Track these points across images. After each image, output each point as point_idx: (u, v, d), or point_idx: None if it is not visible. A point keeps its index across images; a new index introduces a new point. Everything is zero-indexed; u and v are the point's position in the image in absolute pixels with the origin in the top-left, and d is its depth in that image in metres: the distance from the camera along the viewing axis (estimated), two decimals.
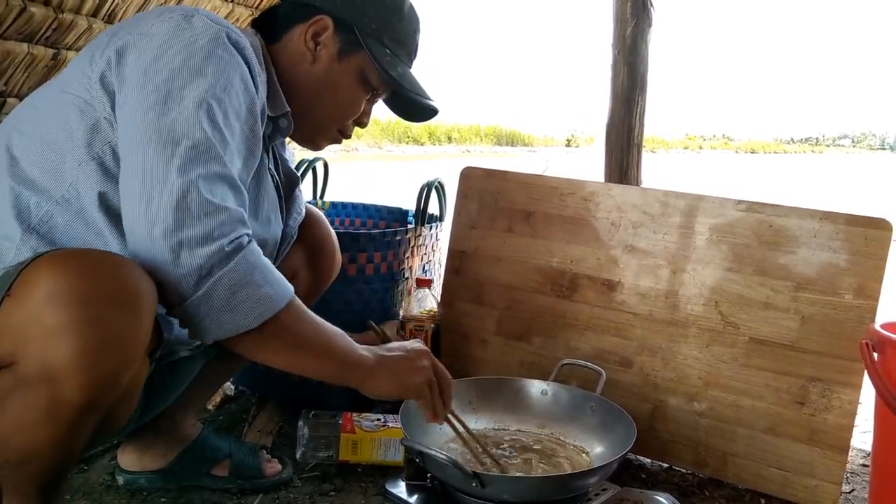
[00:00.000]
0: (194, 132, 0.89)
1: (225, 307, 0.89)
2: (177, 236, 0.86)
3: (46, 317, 0.79)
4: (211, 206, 0.88)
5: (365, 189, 7.79)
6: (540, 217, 1.66)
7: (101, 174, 0.95)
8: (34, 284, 0.81)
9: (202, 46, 0.92)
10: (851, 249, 1.35)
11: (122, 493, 1.29)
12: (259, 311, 0.91)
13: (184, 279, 0.87)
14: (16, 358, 0.82)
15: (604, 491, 1.22)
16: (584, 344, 1.58)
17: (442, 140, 34.31)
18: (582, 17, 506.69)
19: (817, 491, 1.35)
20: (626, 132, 1.98)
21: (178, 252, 0.86)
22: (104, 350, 0.81)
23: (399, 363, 1.08)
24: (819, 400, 1.35)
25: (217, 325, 0.90)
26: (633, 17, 1.91)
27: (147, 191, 0.87)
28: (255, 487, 1.31)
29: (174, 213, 0.86)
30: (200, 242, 0.87)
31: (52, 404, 0.81)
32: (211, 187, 0.89)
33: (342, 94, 1.15)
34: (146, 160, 0.87)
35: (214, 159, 0.90)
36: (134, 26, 0.96)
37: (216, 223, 0.88)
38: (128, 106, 0.91)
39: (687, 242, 1.49)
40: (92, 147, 0.95)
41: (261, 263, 0.93)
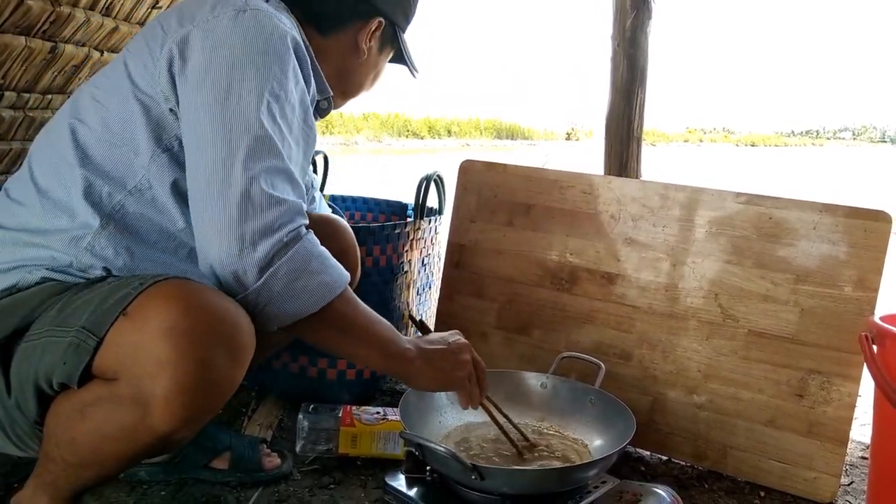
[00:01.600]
0: (255, 128, 0.92)
1: (285, 295, 0.93)
2: (240, 229, 0.90)
3: (159, 348, 0.83)
4: (272, 199, 0.92)
5: (364, 182, 7.78)
6: (539, 210, 1.65)
7: (173, 164, 1.00)
8: (154, 312, 0.84)
9: (258, 43, 0.95)
10: (851, 242, 1.35)
11: (121, 485, 1.29)
12: (317, 298, 0.95)
13: (247, 270, 0.90)
14: (118, 375, 0.86)
15: (603, 483, 1.22)
16: (584, 337, 1.58)
17: (441, 134, 34.27)
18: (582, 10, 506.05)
19: (816, 483, 1.35)
20: (625, 125, 1.97)
21: (242, 245, 0.90)
22: (203, 392, 0.85)
23: (442, 357, 1.11)
24: (818, 392, 1.35)
25: (278, 312, 0.94)
26: (633, 9, 1.91)
27: (213, 189, 0.91)
28: (255, 480, 1.32)
29: (238, 208, 0.90)
30: (262, 235, 0.90)
31: (136, 428, 0.85)
32: (272, 181, 0.93)
33: (375, 74, 1.27)
34: (212, 157, 0.92)
35: (274, 154, 0.94)
36: (190, 17, 0.99)
37: (276, 215, 0.92)
38: (190, 103, 0.95)
39: (686, 235, 1.49)
40: (161, 141, 1.00)
41: (317, 252, 0.97)
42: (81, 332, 0.87)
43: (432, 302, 1.93)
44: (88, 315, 0.88)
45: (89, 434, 0.88)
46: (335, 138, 26.17)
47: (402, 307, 1.78)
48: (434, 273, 1.93)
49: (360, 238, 1.62)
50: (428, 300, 1.93)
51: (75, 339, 0.87)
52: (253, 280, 0.91)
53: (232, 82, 0.93)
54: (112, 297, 0.88)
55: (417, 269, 1.82)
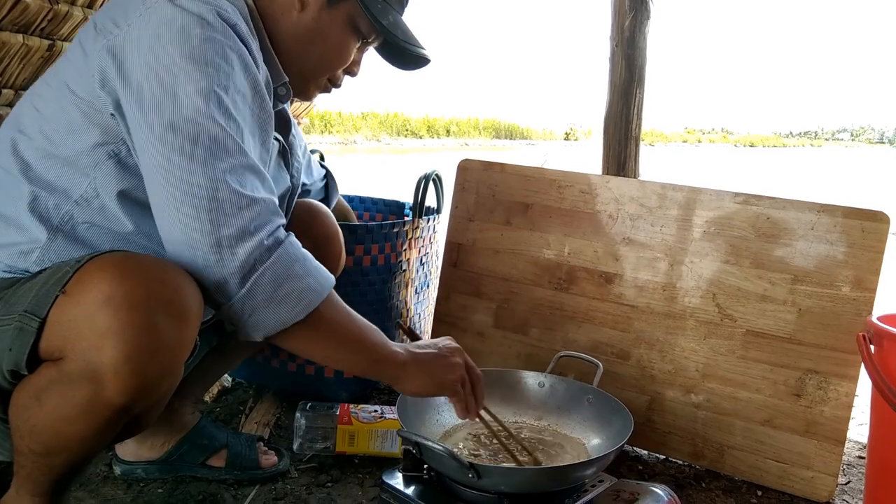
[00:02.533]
0: (209, 126, 0.87)
1: (270, 302, 0.89)
2: (214, 236, 0.86)
3: (100, 319, 0.81)
4: (243, 199, 0.87)
5: (363, 182, 7.78)
6: (538, 210, 1.65)
7: (120, 170, 0.95)
8: (91, 285, 0.83)
9: (196, 34, 0.89)
10: (849, 242, 1.35)
11: (119, 484, 1.29)
12: (304, 304, 0.91)
13: (228, 278, 0.87)
14: (64, 354, 0.84)
15: (600, 482, 1.22)
16: (582, 336, 1.58)
17: (440, 133, 34.27)
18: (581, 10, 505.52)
19: (814, 482, 1.35)
20: (624, 125, 1.97)
21: (220, 252, 0.86)
22: (151, 357, 0.83)
23: (433, 361, 1.07)
24: (816, 392, 1.36)
25: (263, 320, 0.90)
26: (632, 9, 1.90)
27: (175, 195, 0.86)
28: (252, 478, 1.32)
29: (208, 214, 0.85)
30: (239, 239, 0.86)
31: (92, 403, 0.84)
32: (239, 180, 0.88)
33: (331, 43, 1.10)
34: (167, 163, 0.86)
35: (235, 151, 0.89)
36: (122, 14, 0.92)
37: (251, 216, 0.87)
38: (135, 108, 0.89)
39: (684, 235, 1.49)
40: (105, 146, 0.94)
41: (300, 255, 0.93)
42: (24, 315, 0.85)
43: (430, 301, 1.93)
44: (30, 299, 0.87)
45: (48, 419, 0.86)
46: (334, 137, 26.17)
47: (401, 306, 1.77)
48: (432, 272, 1.93)
49: (359, 237, 1.62)
50: (426, 299, 1.93)
51: (18, 324, 0.86)
52: (236, 288, 0.88)
53: (176, 81, 0.87)
54: (52, 278, 0.87)
55: (416, 268, 1.82)
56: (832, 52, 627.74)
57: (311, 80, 1.15)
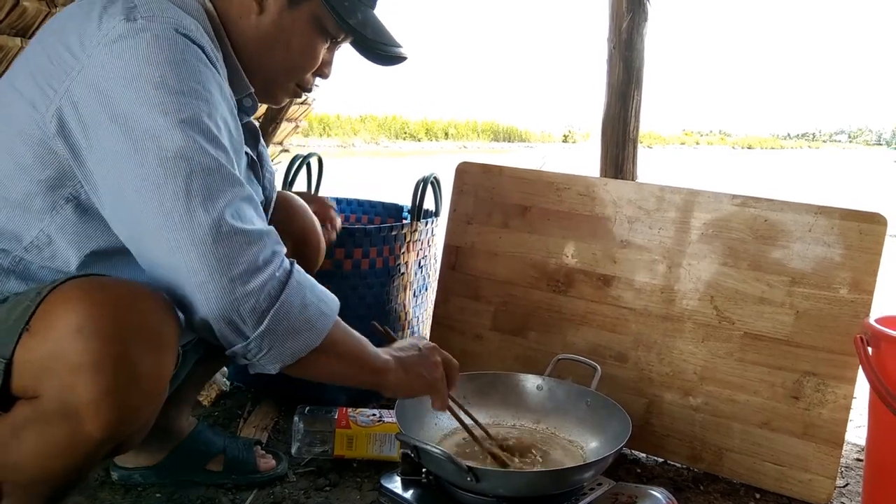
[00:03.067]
0: (201, 158, 0.82)
1: (287, 334, 0.87)
2: (226, 276, 0.82)
3: (70, 354, 0.77)
4: (248, 235, 0.84)
5: (361, 185, 7.78)
6: (536, 212, 1.65)
7: (80, 215, 0.90)
8: (57, 318, 0.79)
9: (166, 59, 0.83)
10: (846, 244, 1.35)
11: (116, 489, 1.29)
12: (318, 330, 0.90)
13: (246, 317, 0.84)
14: (38, 392, 0.81)
15: (599, 486, 1.22)
16: (580, 339, 1.58)
17: (439, 136, 34.29)
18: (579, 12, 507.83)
19: (812, 485, 1.35)
20: (621, 127, 1.97)
21: (233, 292, 0.82)
22: (130, 387, 0.80)
23: (417, 363, 1.09)
24: (814, 394, 1.36)
25: (282, 353, 0.88)
26: (629, 11, 1.91)
27: (178, 241, 0.81)
28: (250, 482, 1.31)
29: (215, 255, 0.81)
30: (251, 276, 0.83)
31: (72, 439, 0.81)
32: (239, 213, 0.85)
33: (296, 46, 1.04)
34: (164, 210, 0.81)
35: (231, 181, 0.85)
36: (77, 41, 0.85)
37: (257, 251, 0.84)
38: (109, 151, 0.83)
39: (682, 237, 1.49)
40: (62, 189, 0.88)
41: (309, 282, 0.92)
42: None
43: (429, 304, 1.93)
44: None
45: (30, 456, 0.83)
46: (332, 140, 26.16)
47: (399, 309, 1.77)
48: (430, 275, 1.93)
49: (357, 240, 1.63)
50: (424, 302, 1.93)
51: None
52: (254, 325, 0.85)
53: (153, 123, 0.81)
54: (12, 314, 0.83)
55: (414, 270, 1.82)
56: (830, 53, 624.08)
57: (278, 86, 1.10)
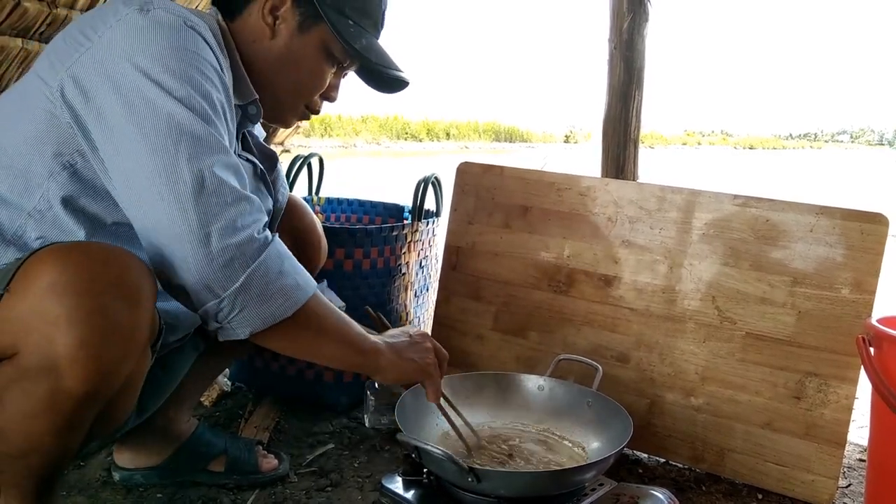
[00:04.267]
0: (192, 125, 0.86)
1: (261, 298, 0.89)
2: (204, 231, 0.85)
3: (47, 308, 0.79)
4: (231, 193, 0.87)
5: (362, 185, 7.78)
6: (537, 212, 1.65)
7: (74, 181, 0.93)
8: (34, 277, 0.81)
9: (170, 44, 0.88)
10: (848, 244, 1.35)
11: (118, 489, 1.29)
12: (293, 300, 0.92)
13: (218, 273, 0.86)
14: (17, 349, 0.82)
15: (600, 486, 1.22)
16: (581, 339, 1.58)
17: (440, 136, 34.31)
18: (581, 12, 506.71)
19: (814, 486, 1.35)
20: (622, 127, 1.97)
21: (208, 247, 0.85)
22: (106, 340, 0.81)
23: (409, 348, 1.13)
24: (816, 395, 1.35)
25: (253, 316, 0.90)
26: (630, 11, 1.91)
27: (159, 191, 0.85)
28: (252, 483, 1.31)
29: (195, 208, 0.84)
30: (230, 233, 0.86)
31: (53, 394, 0.82)
32: (225, 175, 0.88)
33: (305, 69, 1.10)
34: (150, 161, 0.85)
35: (220, 148, 0.88)
36: (91, 27, 0.91)
37: (240, 212, 0.87)
38: (108, 116, 0.87)
39: (684, 237, 1.49)
40: (61, 156, 0.92)
41: (287, 253, 0.94)
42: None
43: (430, 304, 1.93)
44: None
45: (14, 419, 0.84)
46: (333, 141, 26.18)
47: (400, 309, 1.77)
48: (431, 275, 1.93)
49: (358, 240, 1.63)
50: (425, 302, 1.93)
51: None
52: (227, 283, 0.87)
53: (153, 86, 0.86)
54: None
55: (415, 271, 1.82)
56: (832, 53, 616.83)
57: (287, 107, 1.15)
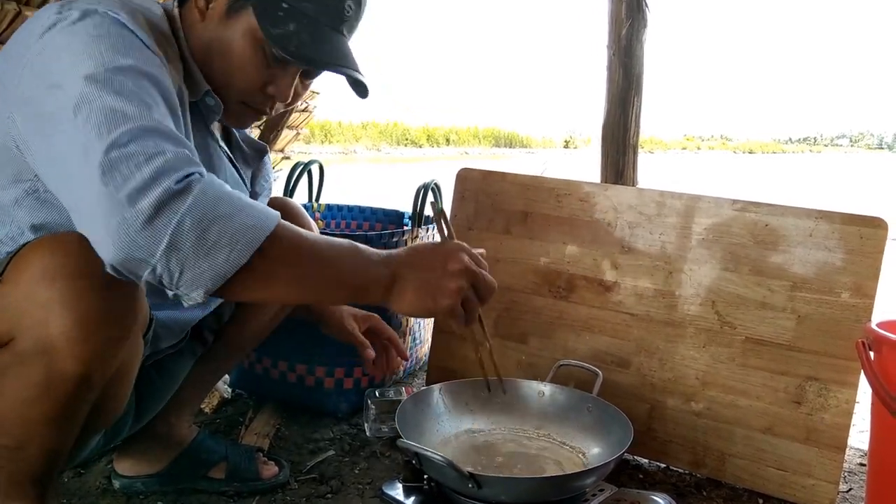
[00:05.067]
0: (98, 102, 0.78)
1: (199, 251, 0.76)
2: (114, 199, 0.74)
3: (40, 292, 0.81)
4: (142, 154, 0.76)
5: (362, 191, 7.79)
6: (536, 218, 1.66)
7: (41, 207, 0.92)
8: (26, 265, 0.83)
9: (85, 24, 0.84)
10: (847, 248, 1.35)
11: (118, 497, 1.29)
12: (241, 246, 0.77)
13: (139, 236, 0.74)
14: (12, 335, 0.83)
15: (601, 491, 1.22)
16: (581, 345, 1.58)
17: (440, 142, 34.35)
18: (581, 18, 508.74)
19: (815, 490, 1.35)
20: (621, 133, 1.98)
21: (121, 212, 0.74)
22: (99, 321, 0.82)
23: (428, 277, 0.89)
24: (816, 399, 1.35)
25: (199, 275, 0.77)
26: (628, 17, 1.92)
27: (69, 170, 0.79)
28: (252, 490, 1.31)
29: (102, 179, 0.75)
30: (141, 192, 0.74)
31: (49, 377, 0.83)
32: (140, 140, 0.77)
33: (233, 59, 1.00)
34: (61, 144, 0.79)
35: (132, 117, 0.78)
36: (26, 34, 0.88)
37: (153, 168, 0.75)
38: (23, 111, 0.85)
39: (683, 242, 1.49)
40: (22, 183, 0.91)
41: (225, 193, 0.79)
42: None
43: None
44: None
45: (10, 406, 0.85)
46: (334, 147, 26.22)
47: (400, 316, 1.77)
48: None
49: None
50: None
51: None
52: (152, 245, 0.74)
53: (62, 73, 0.81)
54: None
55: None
56: (831, 58, 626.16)
57: (227, 103, 1.06)
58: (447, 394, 1.42)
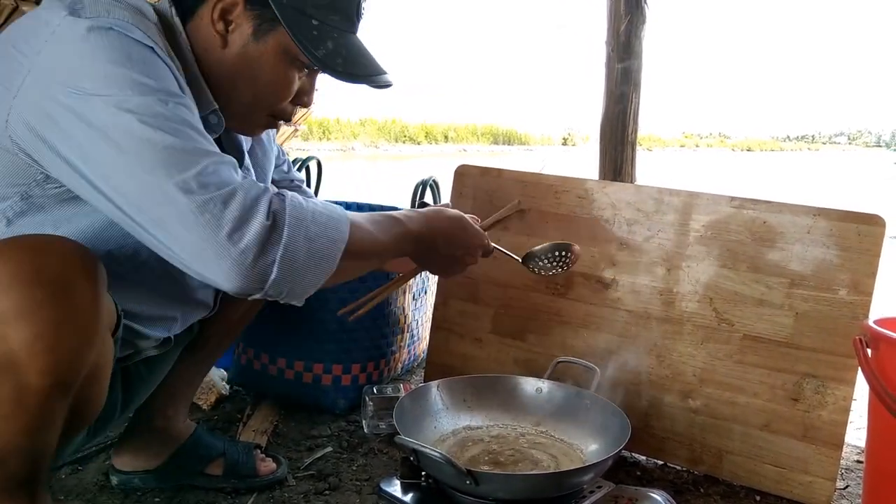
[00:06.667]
0: (160, 139, 0.81)
1: (300, 274, 0.87)
2: (216, 240, 0.81)
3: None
4: (218, 192, 0.81)
5: (361, 188, 7.78)
6: (535, 215, 1.65)
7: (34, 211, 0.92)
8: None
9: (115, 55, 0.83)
10: (845, 245, 1.35)
11: (115, 493, 1.29)
12: (330, 258, 0.89)
13: (249, 277, 0.83)
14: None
15: (598, 488, 1.22)
16: (579, 341, 1.58)
17: (438, 139, 34.32)
18: (579, 14, 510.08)
19: (812, 487, 1.35)
20: (620, 130, 1.97)
21: (230, 254, 0.81)
22: (60, 329, 0.80)
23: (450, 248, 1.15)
24: (813, 396, 1.35)
25: (302, 290, 0.88)
26: (627, 13, 1.91)
27: (158, 216, 0.82)
28: (250, 486, 1.31)
29: (197, 220, 0.80)
30: (239, 233, 0.81)
31: (19, 392, 0.80)
32: (207, 174, 0.82)
33: (265, 79, 1.02)
34: (139, 192, 0.82)
35: (195, 151, 0.83)
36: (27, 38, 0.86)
37: (238, 206, 0.82)
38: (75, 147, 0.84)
39: (681, 239, 1.49)
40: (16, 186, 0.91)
41: (307, 213, 0.88)
42: None
43: (428, 307, 1.93)
44: None
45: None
46: (332, 144, 26.19)
47: (398, 312, 1.77)
48: (430, 278, 1.93)
49: None
50: (423, 305, 1.93)
51: None
52: (262, 283, 0.84)
53: (109, 112, 0.81)
54: None
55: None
56: (829, 56, 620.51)
57: (250, 118, 1.08)
58: (445, 390, 1.42)
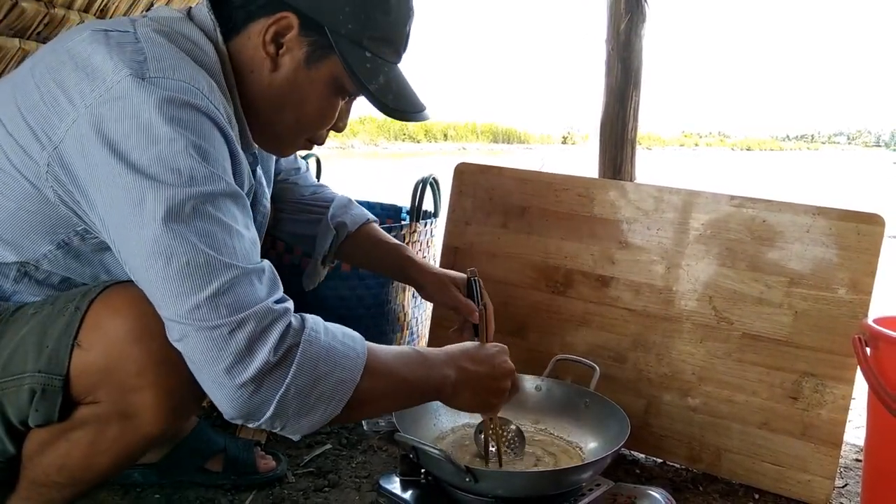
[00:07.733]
0: (180, 254, 0.76)
1: (299, 414, 0.81)
2: (214, 370, 0.77)
3: (131, 360, 0.83)
4: (234, 317, 0.76)
5: (360, 186, 7.78)
6: (534, 213, 1.66)
7: (69, 258, 0.91)
8: (108, 329, 0.83)
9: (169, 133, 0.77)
10: (844, 245, 1.35)
11: (115, 489, 1.29)
12: (336, 400, 0.83)
13: (246, 406, 0.78)
14: (98, 398, 0.85)
15: (597, 486, 1.22)
16: (579, 339, 1.58)
17: (438, 137, 34.31)
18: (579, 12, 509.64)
19: (811, 486, 1.35)
20: (620, 128, 1.97)
21: (225, 385, 0.77)
22: (183, 386, 0.84)
23: (483, 384, 1.04)
24: (812, 395, 1.36)
25: (298, 428, 0.83)
26: (627, 12, 1.90)
27: (168, 320, 0.79)
28: (249, 483, 1.31)
29: (198, 348, 0.77)
30: (239, 367, 0.76)
31: (129, 438, 0.87)
32: (232, 288, 0.77)
33: (311, 106, 0.97)
34: (151, 290, 0.79)
35: (220, 267, 0.77)
36: (76, 85, 0.80)
37: (244, 337, 0.76)
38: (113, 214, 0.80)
39: (681, 238, 1.49)
40: (56, 235, 0.88)
41: (322, 350, 0.82)
42: (39, 376, 0.84)
43: (427, 305, 1.93)
44: (36, 356, 0.84)
45: (80, 455, 0.88)
46: (331, 142, 26.15)
47: (398, 310, 1.77)
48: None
49: None
50: (423, 303, 1.93)
51: (37, 385, 0.84)
52: (258, 415, 0.80)
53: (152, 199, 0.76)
54: (52, 329, 0.84)
55: None
56: (829, 55, 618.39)
57: (287, 141, 1.05)
58: None
